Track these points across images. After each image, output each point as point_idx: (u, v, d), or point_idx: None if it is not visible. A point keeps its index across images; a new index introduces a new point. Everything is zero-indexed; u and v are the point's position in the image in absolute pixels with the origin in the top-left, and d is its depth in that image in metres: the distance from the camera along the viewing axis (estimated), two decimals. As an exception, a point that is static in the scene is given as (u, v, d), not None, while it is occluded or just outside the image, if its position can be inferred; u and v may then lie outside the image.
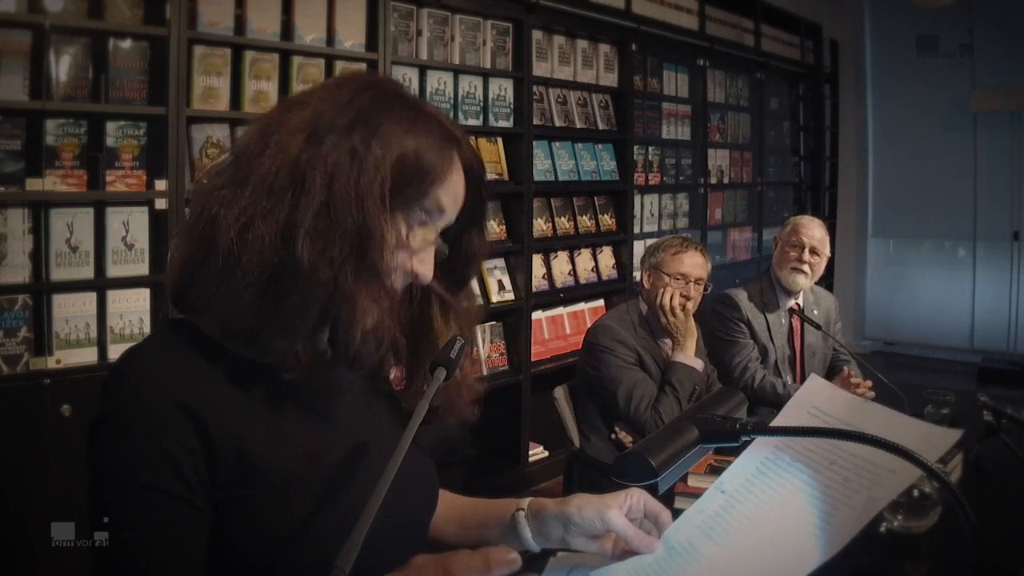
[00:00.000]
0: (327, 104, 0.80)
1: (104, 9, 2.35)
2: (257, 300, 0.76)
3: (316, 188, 0.76)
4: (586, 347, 2.45)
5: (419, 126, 0.81)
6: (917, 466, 0.73)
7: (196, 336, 0.81)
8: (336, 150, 0.77)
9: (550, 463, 3.75)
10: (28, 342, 2.24)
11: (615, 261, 4.25)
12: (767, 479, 0.89)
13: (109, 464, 0.74)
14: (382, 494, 0.66)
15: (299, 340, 0.78)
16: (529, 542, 0.93)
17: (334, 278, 0.75)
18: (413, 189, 0.80)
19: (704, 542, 0.87)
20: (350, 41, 2.98)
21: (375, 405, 0.95)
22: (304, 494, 0.79)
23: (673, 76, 4.65)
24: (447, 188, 0.83)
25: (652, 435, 0.90)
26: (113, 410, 0.75)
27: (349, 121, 0.78)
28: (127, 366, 0.79)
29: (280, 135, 0.78)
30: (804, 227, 2.79)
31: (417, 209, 0.82)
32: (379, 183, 0.77)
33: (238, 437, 0.77)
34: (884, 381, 2.40)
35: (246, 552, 0.76)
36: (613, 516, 0.89)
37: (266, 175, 0.76)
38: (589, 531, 0.90)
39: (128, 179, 2.42)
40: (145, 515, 0.73)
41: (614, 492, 0.92)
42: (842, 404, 0.92)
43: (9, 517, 2.10)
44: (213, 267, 0.77)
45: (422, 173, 0.80)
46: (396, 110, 0.81)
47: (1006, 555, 1.42)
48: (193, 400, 0.76)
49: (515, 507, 0.96)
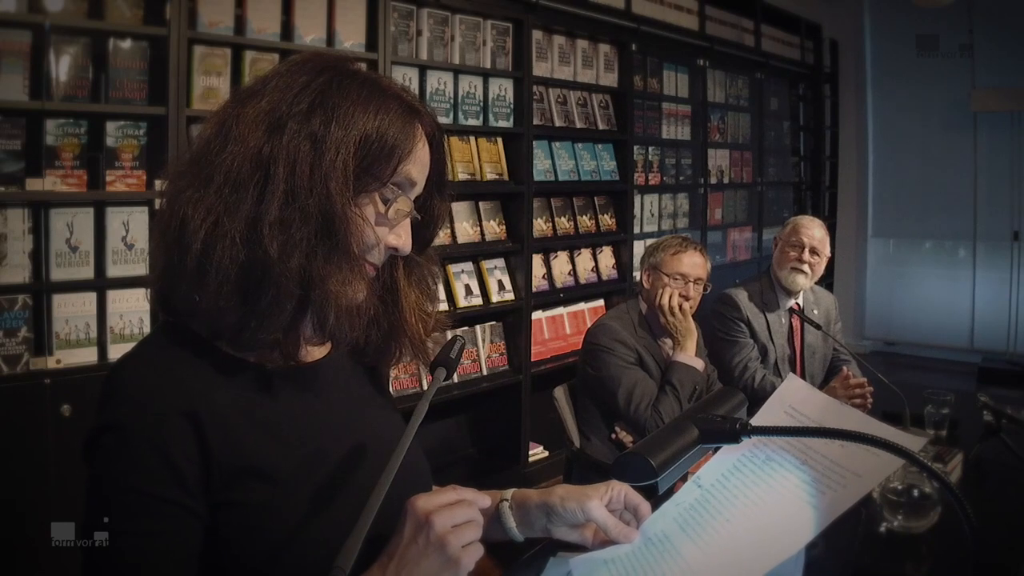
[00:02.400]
0: (282, 92, 0.79)
1: (104, 9, 2.35)
2: (235, 297, 0.76)
3: (279, 178, 0.76)
4: (586, 347, 2.45)
5: (377, 102, 0.81)
6: (916, 465, 0.73)
7: (188, 338, 0.81)
8: (296, 138, 0.77)
9: (550, 463, 3.75)
10: (28, 342, 2.24)
11: (615, 261, 4.25)
12: (742, 476, 0.92)
13: (109, 472, 0.75)
14: (382, 494, 0.66)
15: (281, 331, 0.78)
16: (513, 532, 0.97)
17: (305, 265, 0.76)
18: (380, 166, 0.81)
19: (678, 534, 0.90)
20: (350, 41, 2.98)
21: (368, 394, 0.96)
22: (302, 494, 0.79)
23: (673, 76, 4.65)
24: (414, 161, 0.84)
25: (652, 435, 0.90)
26: (112, 420, 0.75)
27: (307, 107, 0.78)
28: (124, 374, 0.79)
29: (238, 129, 0.78)
30: (804, 227, 2.79)
31: (388, 185, 0.82)
32: (342, 165, 0.77)
33: (236, 440, 0.77)
34: (884, 381, 2.40)
35: (244, 553, 0.77)
36: (593, 507, 0.93)
37: (229, 171, 0.76)
38: (571, 521, 0.95)
39: (128, 179, 2.42)
40: (143, 522, 0.73)
41: (595, 484, 0.96)
42: (817, 405, 0.94)
43: (9, 517, 2.10)
44: (189, 269, 0.76)
45: (388, 150, 0.80)
46: (354, 89, 0.81)
47: (1005, 555, 1.42)
48: (190, 406, 0.76)
49: (499, 498, 0.98)
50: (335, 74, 0.81)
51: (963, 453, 1.93)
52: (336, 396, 0.89)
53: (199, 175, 0.78)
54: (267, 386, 0.82)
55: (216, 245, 0.75)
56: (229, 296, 0.76)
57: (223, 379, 0.80)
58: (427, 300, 0.96)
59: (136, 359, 0.81)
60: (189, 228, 0.76)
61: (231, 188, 0.76)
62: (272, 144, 0.77)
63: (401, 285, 0.93)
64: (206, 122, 0.82)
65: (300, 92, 0.79)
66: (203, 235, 0.75)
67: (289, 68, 0.82)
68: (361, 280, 0.80)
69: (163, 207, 0.82)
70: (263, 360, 0.81)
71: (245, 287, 0.76)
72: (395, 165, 0.82)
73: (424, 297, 0.96)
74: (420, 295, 0.95)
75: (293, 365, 0.82)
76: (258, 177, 0.76)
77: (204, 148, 0.79)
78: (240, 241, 0.75)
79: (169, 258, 0.79)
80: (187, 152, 0.81)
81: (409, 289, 0.94)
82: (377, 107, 0.81)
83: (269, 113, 0.78)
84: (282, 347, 0.80)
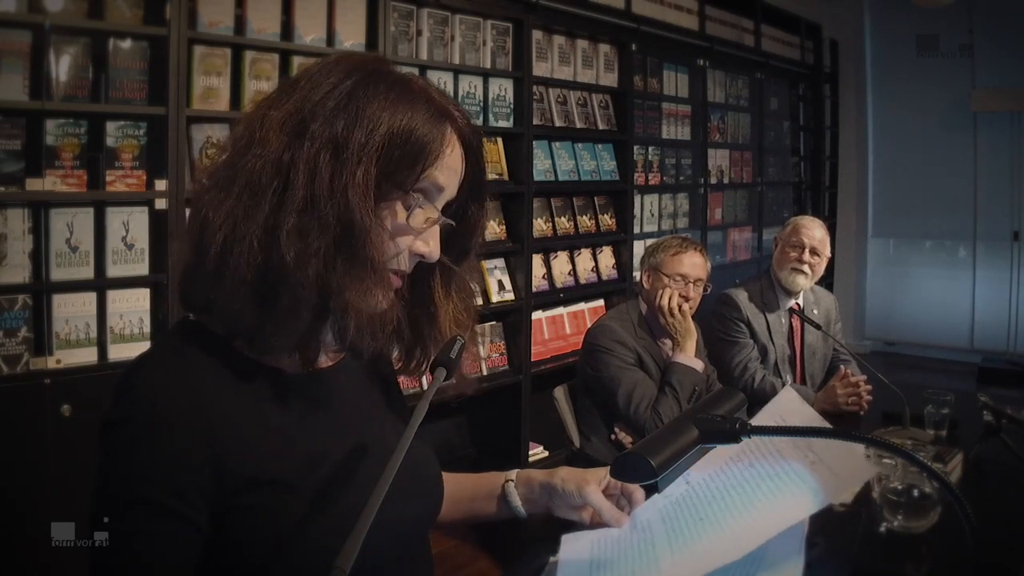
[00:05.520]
0: (308, 94, 0.78)
1: (104, 9, 2.35)
2: (251, 301, 0.76)
3: (298, 185, 0.75)
4: (586, 347, 2.45)
5: (405, 106, 0.79)
6: (916, 465, 0.73)
7: (205, 337, 0.81)
8: (316, 143, 0.76)
9: (550, 463, 3.75)
10: (28, 342, 2.23)
11: (615, 261, 4.25)
12: (724, 477, 0.96)
13: (113, 469, 0.75)
14: (382, 494, 0.66)
15: (297, 338, 0.78)
16: (519, 509, 1.04)
17: (323, 274, 0.75)
18: (405, 172, 0.79)
19: (658, 525, 0.96)
20: (350, 41, 2.98)
21: (381, 401, 0.95)
22: (315, 498, 0.79)
23: (673, 76, 4.65)
24: (442, 165, 0.81)
25: (652, 435, 0.90)
26: (123, 416, 0.75)
27: (330, 111, 0.77)
28: (140, 372, 0.78)
29: (263, 132, 0.77)
30: (804, 227, 2.79)
31: (413, 191, 0.80)
32: (363, 171, 0.76)
33: (249, 446, 0.77)
34: (884, 381, 2.40)
35: (250, 554, 0.77)
36: (590, 491, 0.99)
37: (251, 175, 0.76)
38: (570, 502, 1.01)
39: (128, 179, 2.42)
40: (138, 523, 0.73)
41: (596, 468, 1.02)
42: (805, 420, 0.97)
43: (9, 517, 2.10)
44: (208, 269, 0.77)
45: (412, 155, 0.78)
46: (380, 93, 0.79)
47: (1005, 555, 1.42)
48: (204, 411, 0.76)
49: (504, 479, 1.05)
50: (364, 76, 0.80)
51: (963, 453, 1.93)
52: (351, 401, 0.89)
53: (224, 176, 0.78)
54: (282, 390, 0.82)
55: (233, 249, 0.75)
56: (245, 300, 0.75)
57: (238, 382, 0.79)
58: (464, 311, 0.94)
59: (153, 359, 0.81)
60: (209, 229, 0.76)
61: (250, 193, 0.75)
62: (293, 150, 0.76)
63: (437, 295, 0.91)
64: (237, 121, 0.82)
65: (326, 95, 0.78)
66: (221, 238, 0.75)
67: (320, 69, 0.81)
68: (383, 290, 0.79)
69: (191, 204, 0.82)
70: (279, 364, 0.81)
71: (261, 292, 0.75)
72: (420, 171, 0.79)
73: (462, 308, 0.93)
74: (458, 306, 0.93)
75: (310, 370, 0.82)
76: (277, 183, 0.75)
77: (232, 148, 0.79)
78: (258, 247, 0.74)
79: (190, 256, 0.79)
80: (221, 152, 0.80)
81: (447, 300, 0.92)
82: (404, 111, 0.78)
83: (293, 115, 0.77)
84: (300, 354, 0.79)
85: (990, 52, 5.79)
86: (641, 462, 0.83)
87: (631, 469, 0.85)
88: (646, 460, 0.83)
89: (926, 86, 6.09)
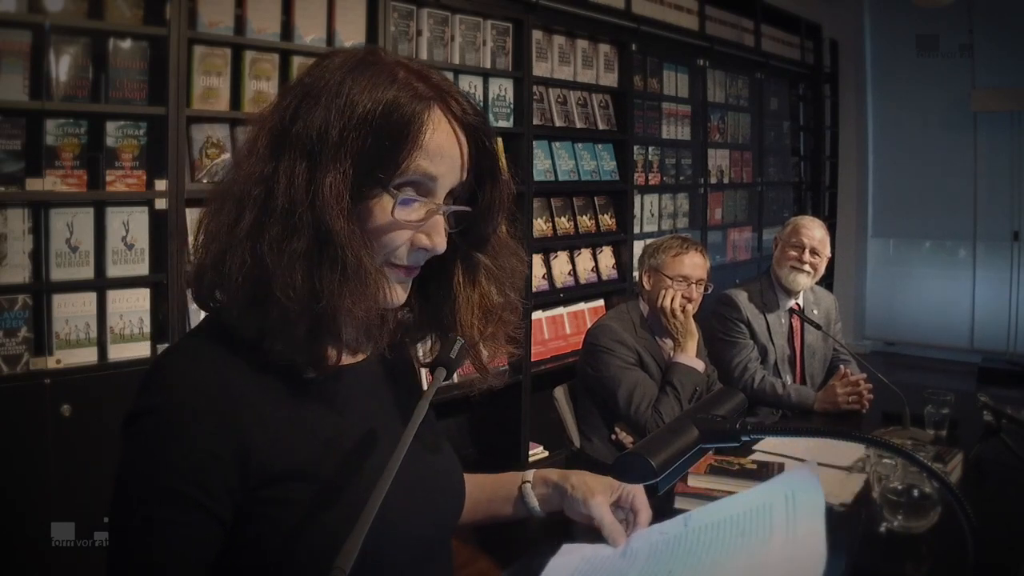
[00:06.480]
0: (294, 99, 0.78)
1: (104, 9, 2.35)
2: (249, 309, 0.76)
3: (278, 193, 0.75)
4: (586, 347, 2.45)
5: (380, 90, 0.77)
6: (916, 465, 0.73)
7: (227, 334, 0.81)
8: (296, 148, 0.76)
9: (550, 463, 3.75)
10: (28, 342, 2.23)
11: (615, 261, 4.25)
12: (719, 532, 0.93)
13: (139, 458, 0.75)
14: (382, 494, 0.66)
15: (299, 343, 0.78)
16: (536, 509, 1.05)
17: (309, 280, 0.75)
18: (386, 163, 0.77)
19: (642, 558, 0.95)
20: (350, 41, 2.97)
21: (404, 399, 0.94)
22: (329, 492, 0.79)
23: (673, 76, 4.65)
24: (430, 153, 0.78)
25: (652, 435, 0.90)
26: (150, 405, 0.76)
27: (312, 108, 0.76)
28: (169, 365, 0.79)
29: (259, 139, 0.78)
30: (805, 227, 2.79)
31: (402, 185, 0.78)
32: (337, 173, 0.75)
33: (273, 440, 0.77)
34: (884, 381, 2.40)
35: (268, 550, 0.77)
36: (596, 504, 0.99)
37: (244, 184, 0.77)
38: (578, 508, 1.01)
39: (128, 179, 2.41)
40: (161, 512, 0.73)
41: (607, 477, 1.01)
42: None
43: (9, 517, 2.10)
44: (212, 276, 0.78)
45: (389, 139, 0.76)
46: (360, 82, 0.77)
47: (1005, 555, 1.42)
48: (231, 405, 0.76)
49: (520, 480, 1.07)
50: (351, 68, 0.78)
51: (963, 453, 1.93)
52: (373, 399, 0.89)
53: (222, 184, 0.80)
54: (304, 388, 0.82)
55: (226, 260, 0.76)
56: (244, 309, 0.77)
57: (262, 378, 0.79)
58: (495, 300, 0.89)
59: (181, 353, 0.82)
60: (207, 236, 0.78)
61: (236, 204, 0.76)
62: (276, 160, 0.76)
63: (456, 285, 0.88)
64: (247, 125, 0.82)
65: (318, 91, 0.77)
66: (216, 248, 0.77)
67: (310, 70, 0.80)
68: (376, 290, 0.78)
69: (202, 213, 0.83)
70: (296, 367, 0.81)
71: (255, 301, 0.76)
72: (400, 160, 0.77)
73: (495, 296, 0.89)
74: (487, 294, 0.89)
75: (329, 367, 0.82)
76: (260, 194, 0.76)
77: (235, 154, 0.81)
78: (247, 256, 0.75)
79: (197, 261, 0.81)
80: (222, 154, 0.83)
81: (471, 290, 0.89)
82: (379, 95, 0.76)
83: (279, 123, 0.78)
84: (307, 358, 0.80)
85: (990, 52, 5.79)
86: (641, 462, 0.83)
87: (631, 469, 0.85)
88: (646, 460, 0.83)
89: (926, 86, 6.09)
